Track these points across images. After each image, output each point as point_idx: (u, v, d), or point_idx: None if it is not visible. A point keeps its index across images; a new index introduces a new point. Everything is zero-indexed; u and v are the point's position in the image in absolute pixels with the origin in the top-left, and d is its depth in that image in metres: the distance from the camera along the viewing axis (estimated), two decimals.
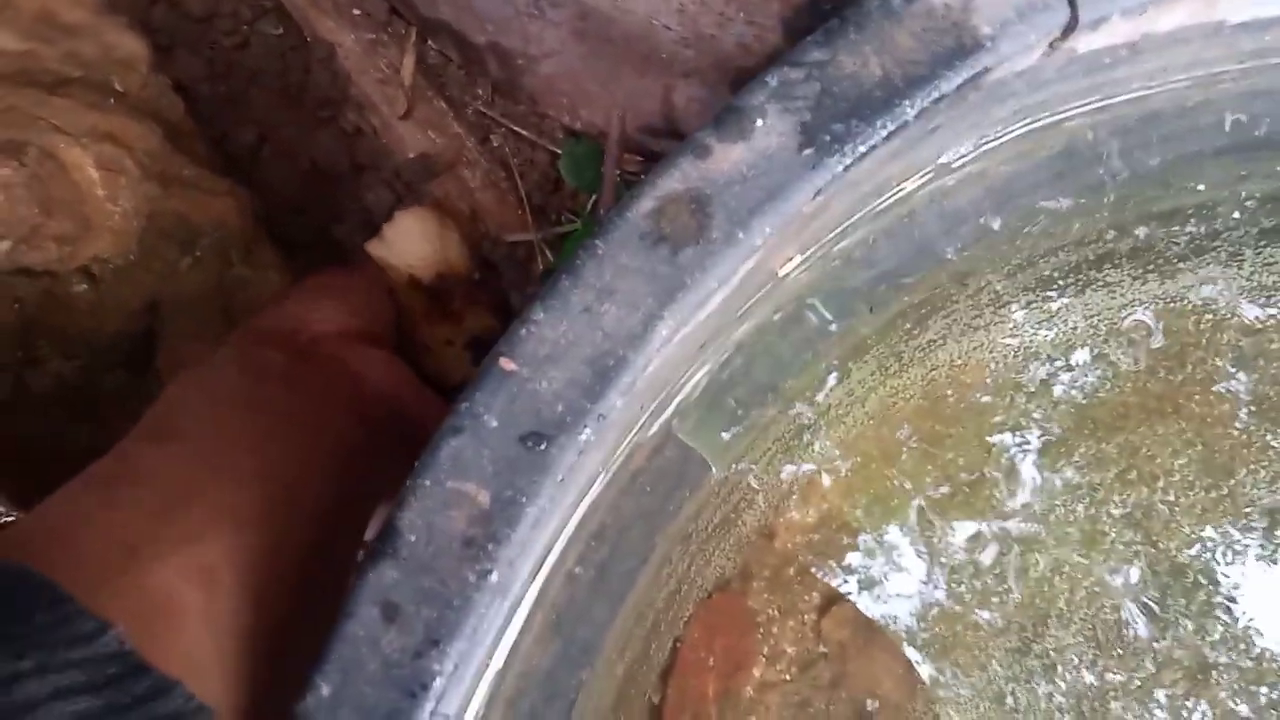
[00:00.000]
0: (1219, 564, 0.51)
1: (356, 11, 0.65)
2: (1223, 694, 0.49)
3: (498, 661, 0.30)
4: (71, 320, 0.52)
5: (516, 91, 0.66)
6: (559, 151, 0.66)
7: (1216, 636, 0.51)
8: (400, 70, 0.65)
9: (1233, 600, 0.51)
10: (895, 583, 0.51)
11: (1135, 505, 0.50)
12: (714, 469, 0.38)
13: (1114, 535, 0.51)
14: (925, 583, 0.51)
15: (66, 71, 0.53)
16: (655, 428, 0.33)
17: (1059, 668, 0.50)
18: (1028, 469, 0.52)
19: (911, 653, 0.50)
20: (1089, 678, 0.50)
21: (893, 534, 0.51)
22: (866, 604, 0.50)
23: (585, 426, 0.28)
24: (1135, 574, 0.51)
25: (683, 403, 0.33)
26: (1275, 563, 0.51)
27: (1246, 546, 0.52)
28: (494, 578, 0.28)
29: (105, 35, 0.56)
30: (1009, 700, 0.50)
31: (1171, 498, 0.51)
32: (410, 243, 0.58)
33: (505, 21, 0.59)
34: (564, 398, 0.28)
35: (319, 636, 0.40)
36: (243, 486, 0.38)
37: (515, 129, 0.66)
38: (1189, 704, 0.49)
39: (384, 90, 0.64)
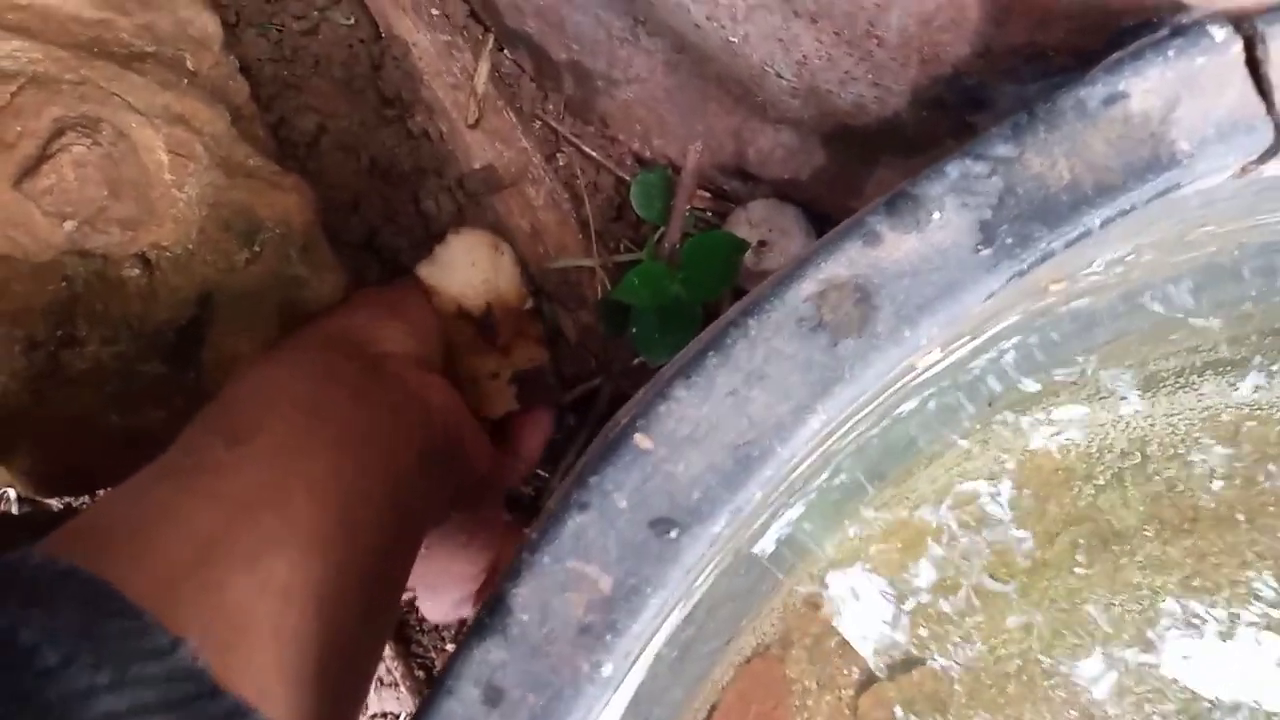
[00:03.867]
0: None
1: (435, 12, 0.63)
2: None
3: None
4: (118, 305, 0.49)
5: (588, 112, 0.64)
6: (625, 178, 0.65)
7: None
8: (473, 77, 0.63)
9: None
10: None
11: (1195, 613, 0.49)
12: (804, 556, 0.36)
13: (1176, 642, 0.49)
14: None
15: (140, 45, 0.51)
16: (767, 516, 0.31)
17: None
18: (1088, 556, 0.50)
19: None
20: None
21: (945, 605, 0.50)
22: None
23: (721, 519, 0.26)
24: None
25: (798, 492, 0.32)
26: None
27: None
28: (607, 670, 0.26)
29: (180, 10, 0.54)
30: None
31: (1234, 610, 0.50)
32: (460, 269, 0.55)
33: (594, 44, 0.57)
34: (701, 484, 0.27)
35: (376, 661, 0.38)
36: (315, 498, 0.36)
37: (584, 149, 0.64)
38: None
39: (455, 96, 0.62)
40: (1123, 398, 0.46)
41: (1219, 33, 0.28)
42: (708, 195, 0.64)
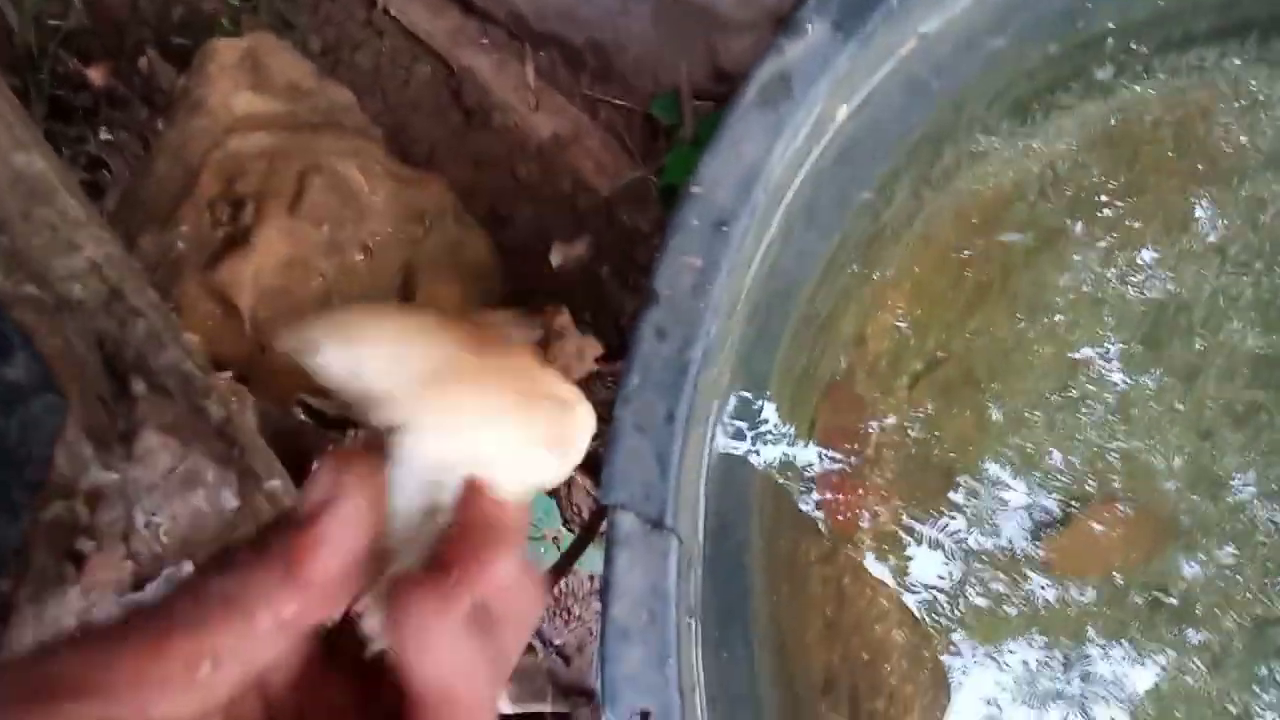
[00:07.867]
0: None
1: (484, 41, 0.88)
2: None
3: (728, 350, 0.52)
4: (355, 283, 0.75)
5: (610, 74, 0.89)
6: (649, 113, 0.89)
7: None
8: (525, 77, 0.88)
9: None
10: None
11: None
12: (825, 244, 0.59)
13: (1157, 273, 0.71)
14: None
15: (314, 118, 0.77)
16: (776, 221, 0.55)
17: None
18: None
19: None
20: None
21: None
22: None
23: (747, 213, 0.50)
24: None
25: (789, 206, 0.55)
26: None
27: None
28: (712, 301, 0.50)
29: (328, 92, 0.80)
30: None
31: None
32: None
33: (599, 22, 0.82)
34: (731, 202, 0.51)
35: None
36: None
37: (614, 102, 0.89)
38: None
39: (517, 94, 0.87)
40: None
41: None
42: (710, 101, 0.88)
